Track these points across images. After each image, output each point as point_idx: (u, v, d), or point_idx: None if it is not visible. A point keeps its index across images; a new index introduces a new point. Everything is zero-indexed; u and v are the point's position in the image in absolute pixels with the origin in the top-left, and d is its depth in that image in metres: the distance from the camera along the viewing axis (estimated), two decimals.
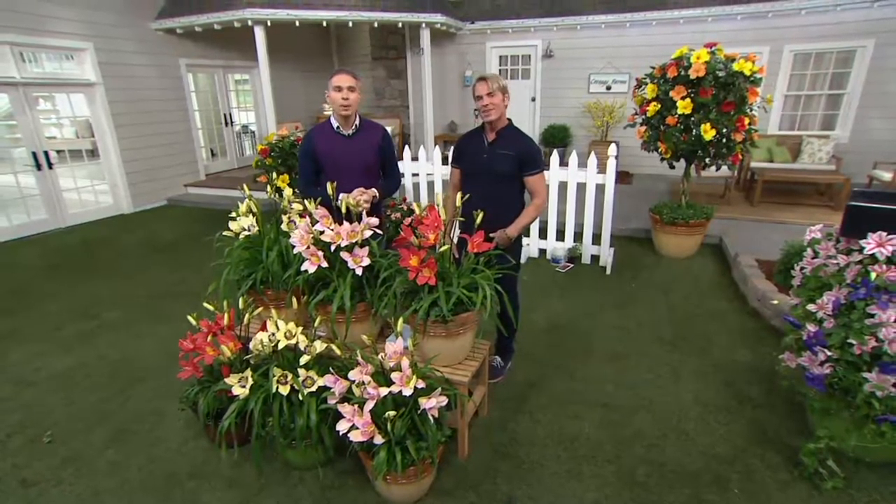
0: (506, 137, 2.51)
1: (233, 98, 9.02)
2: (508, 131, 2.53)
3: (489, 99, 2.43)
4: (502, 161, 2.49)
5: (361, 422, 1.82)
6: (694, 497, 2.10)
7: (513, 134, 2.53)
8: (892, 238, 2.01)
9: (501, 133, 2.52)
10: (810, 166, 6.75)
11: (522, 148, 2.49)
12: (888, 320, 1.95)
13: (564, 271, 4.58)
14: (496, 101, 2.43)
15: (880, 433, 2.02)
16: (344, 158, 2.58)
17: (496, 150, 2.51)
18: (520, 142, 2.51)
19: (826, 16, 6.94)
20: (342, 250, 2.21)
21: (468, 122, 9.68)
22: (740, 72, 4.05)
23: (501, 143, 2.51)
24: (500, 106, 2.44)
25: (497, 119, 2.48)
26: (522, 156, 2.48)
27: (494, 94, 2.43)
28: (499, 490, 2.15)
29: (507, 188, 2.53)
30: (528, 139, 2.55)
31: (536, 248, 4.92)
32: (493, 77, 2.45)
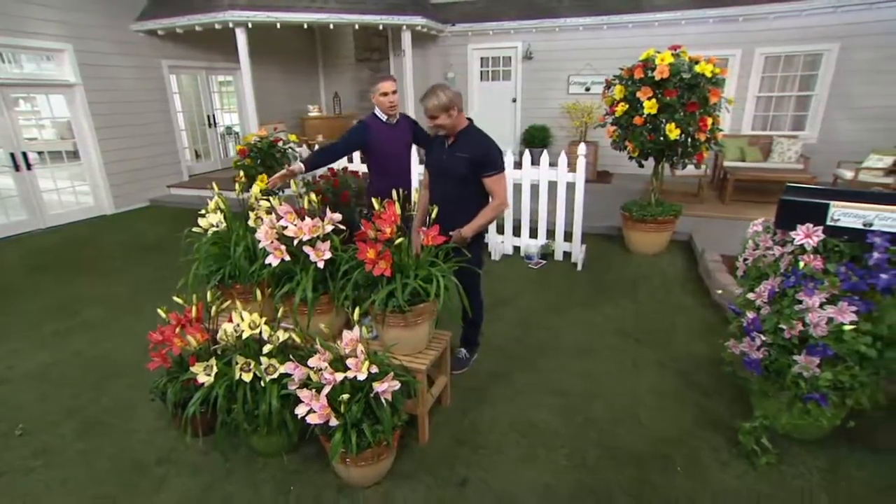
0: (463, 140, 2.60)
1: (216, 99, 9.07)
2: (467, 134, 2.61)
3: (434, 122, 2.53)
4: (458, 163, 2.57)
5: (318, 405, 1.92)
6: (639, 477, 2.22)
7: (470, 136, 2.60)
8: (818, 229, 2.15)
9: (459, 136, 2.61)
10: (780, 165, 6.95)
11: (478, 150, 2.55)
12: (813, 306, 2.09)
13: (537, 268, 4.70)
14: (442, 122, 2.51)
15: (807, 411, 2.15)
16: (391, 141, 3.18)
17: (454, 152, 2.60)
18: (476, 144, 2.57)
19: (793, 20, 7.16)
20: (305, 244, 2.31)
21: None
22: (702, 73, 4.21)
23: (458, 146, 2.60)
24: (448, 123, 2.51)
25: (452, 126, 2.56)
26: (478, 158, 2.54)
27: (439, 117, 2.50)
28: (455, 474, 2.26)
29: (465, 189, 2.61)
30: (485, 141, 2.60)
31: (510, 245, 5.05)
32: (433, 97, 2.47)
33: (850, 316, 2.04)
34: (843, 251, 2.14)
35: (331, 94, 11.22)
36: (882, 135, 6.90)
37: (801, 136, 7.47)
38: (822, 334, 2.08)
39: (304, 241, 2.30)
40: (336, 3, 7.38)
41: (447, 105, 2.47)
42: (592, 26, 8.04)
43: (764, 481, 2.16)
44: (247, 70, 7.07)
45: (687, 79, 4.30)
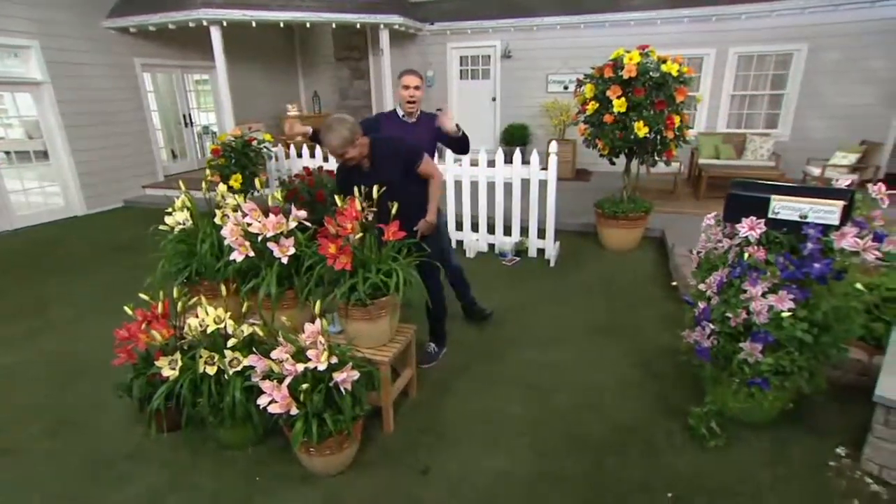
0: (378, 156, 2.63)
1: (192, 98, 9.05)
2: (376, 149, 2.62)
3: (345, 157, 2.51)
4: (392, 173, 2.61)
5: (279, 395, 2.00)
6: (596, 462, 2.34)
7: (380, 149, 2.64)
8: (760, 222, 2.29)
9: (372, 156, 2.62)
10: (753, 163, 7.18)
11: (397, 154, 2.66)
12: (756, 295, 2.23)
13: (511, 265, 4.83)
14: (353, 154, 2.50)
15: (751, 395, 2.30)
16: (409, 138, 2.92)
17: (379, 171, 2.60)
18: (391, 150, 2.66)
19: (764, 21, 7.41)
20: (269, 240, 2.39)
21: None
22: (669, 72, 4.37)
23: (379, 164, 2.62)
24: (357, 154, 2.53)
25: (361, 154, 2.56)
26: (402, 159, 2.65)
27: (348, 152, 2.48)
28: (418, 462, 2.36)
29: (411, 188, 2.69)
30: (392, 143, 2.71)
31: (485, 242, 5.17)
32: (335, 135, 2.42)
33: (788, 304, 2.18)
34: (783, 242, 2.28)
35: (310, 94, 11.26)
36: (849, 132, 7.16)
37: (773, 133, 7.72)
38: (764, 322, 2.23)
39: (268, 238, 2.38)
40: (313, 1, 7.44)
41: (351, 138, 2.45)
42: (570, 25, 8.22)
43: (712, 463, 2.29)
44: (222, 69, 7.10)
45: (655, 77, 4.46)
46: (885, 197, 2.19)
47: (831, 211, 2.13)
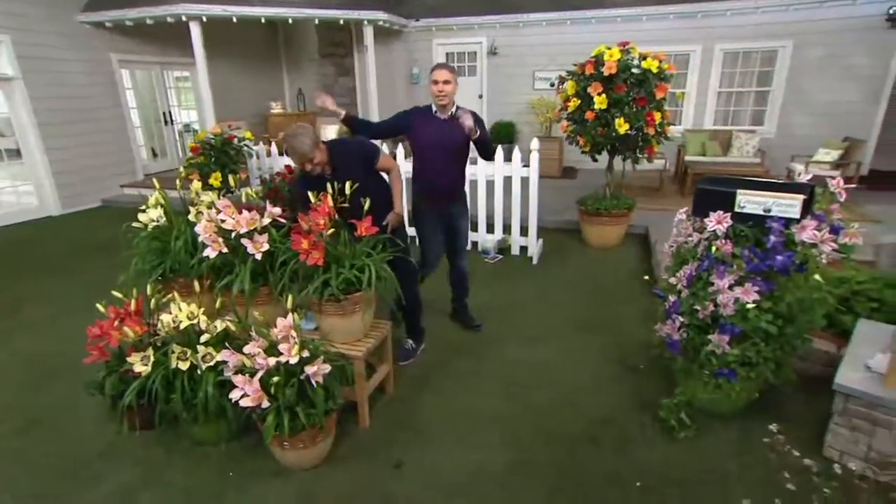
0: (339, 161, 2.71)
1: (173, 96, 9.04)
2: (336, 154, 2.71)
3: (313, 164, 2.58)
4: (354, 171, 2.69)
5: (251, 389, 2.06)
6: (568, 453, 2.43)
7: (340, 153, 2.73)
8: (727, 216, 2.39)
9: (333, 161, 2.70)
10: (738, 160, 7.33)
11: (357, 155, 2.79)
12: (723, 287, 2.33)
13: (493, 263, 4.91)
14: (320, 160, 2.61)
15: (718, 386, 2.39)
16: (435, 137, 2.97)
17: (342, 176, 2.65)
18: (350, 153, 2.78)
19: (749, 17, 7.57)
20: (242, 237, 2.44)
21: None
22: (649, 69, 4.48)
23: (341, 169, 2.69)
24: (323, 159, 2.63)
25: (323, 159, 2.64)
26: (362, 158, 2.79)
27: (315, 157, 2.57)
28: (392, 456, 2.43)
29: (375, 185, 2.81)
30: (351, 145, 2.86)
31: (468, 240, 5.23)
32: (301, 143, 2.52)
33: (753, 296, 2.28)
34: (749, 236, 2.38)
35: (295, 91, 11.28)
36: (833, 129, 7.33)
37: (759, 130, 7.89)
38: (731, 314, 2.32)
39: (242, 234, 2.43)
40: None
41: (316, 141, 2.57)
42: (556, 21, 8.33)
43: (681, 453, 2.39)
44: (202, 66, 7.11)
45: (636, 74, 4.57)
46: (842, 191, 2.30)
47: (792, 205, 2.23)
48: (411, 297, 3.10)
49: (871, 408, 2.10)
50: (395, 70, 9.84)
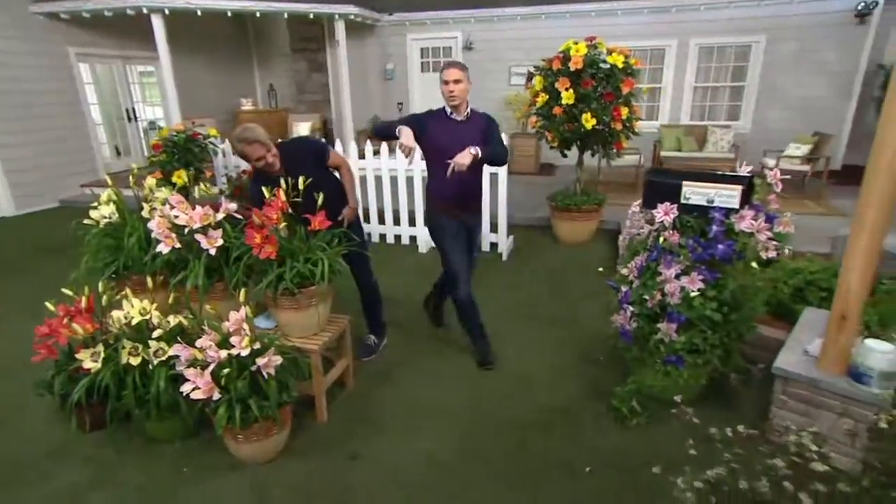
0: (289, 159, 2.80)
1: (137, 91, 8.99)
2: (286, 153, 2.81)
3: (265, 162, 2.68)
4: (306, 169, 2.75)
5: (202, 381, 2.15)
6: (520, 441, 2.55)
7: (290, 152, 2.85)
8: (674, 207, 2.55)
9: (283, 160, 2.79)
10: (713, 155, 7.58)
11: (310, 152, 2.92)
12: (670, 277, 2.48)
13: None
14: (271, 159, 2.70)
15: (667, 373, 2.54)
16: (449, 141, 2.83)
17: (294, 172, 2.72)
18: (300, 151, 2.91)
19: (722, 12, 7.83)
20: (196, 232, 2.52)
21: (391, 115, 10.07)
22: (615, 64, 4.66)
23: (290, 167, 2.77)
24: (273, 159, 2.71)
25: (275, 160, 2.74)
26: (313, 155, 2.91)
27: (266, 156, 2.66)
28: (348, 449, 2.53)
29: (328, 181, 2.92)
30: (301, 143, 3.10)
31: None
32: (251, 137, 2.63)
33: (697, 284, 2.44)
34: (694, 226, 2.54)
35: (266, 87, 11.28)
36: (806, 124, 7.63)
37: (735, 125, 8.16)
38: (677, 302, 2.48)
39: (195, 230, 2.51)
40: None
41: (264, 139, 2.67)
42: (530, 16, 8.51)
43: (632, 440, 2.53)
44: (166, 60, 7.12)
45: (605, 69, 4.75)
46: (778, 182, 2.46)
47: (732, 195, 2.39)
48: (369, 291, 3.21)
49: (807, 389, 2.27)
50: (368, 65, 9.94)
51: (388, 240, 5.69)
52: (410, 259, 5.20)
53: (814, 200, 6.55)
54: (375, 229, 5.68)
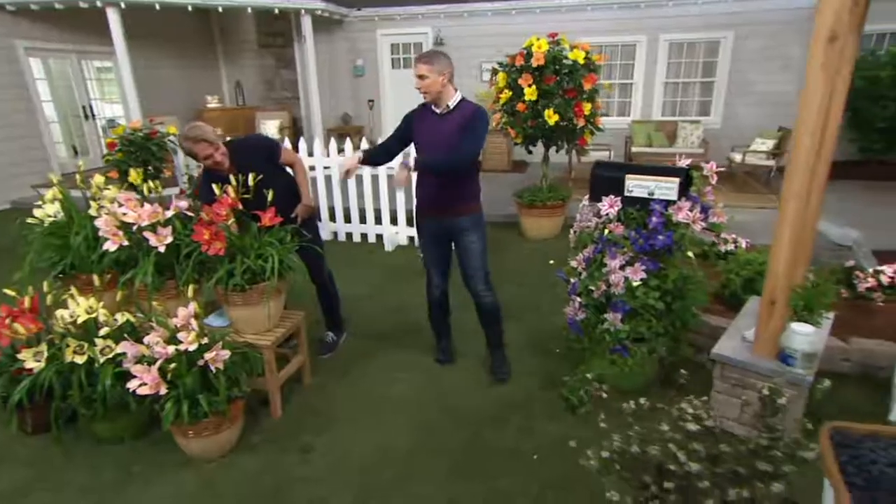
0: (238, 154, 2.89)
1: (94, 88, 8.90)
2: (236, 150, 2.89)
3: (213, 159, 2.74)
4: (257, 166, 2.85)
5: (149, 377, 2.23)
6: (475, 434, 2.68)
7: (241, 148, 2.94)
8: (617, 200, 2.70)
9: (233, 156, 2.87)
10: (683, 150, 7.82)
11: (260, 148, 3.03)
12: (614, 268, 2.64)
13: None
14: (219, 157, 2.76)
15: (613, 362, 2.70)
16: (430, 136, 2.78)
17: (245, 166, 2.85)
18: (250, 147, 3.02)
19: (691, 8, 8.11)
20: (144, 230, 2.60)
21: (362, 112, 10.16)
22: (576, 60, 4.83)
23: (239, 161, 2.87)
24: (221, 157, 2.79)
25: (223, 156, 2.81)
26: (265, 152, 3.00)
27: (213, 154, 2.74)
28: (301, 443, 2.62)
29: (280, 179, 3.01)
30: (256, 139, 3.25)
31: (405, 236, 5.48)
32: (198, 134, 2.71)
33: (640, 274, 2.60)
34: (637, 218, 2.70)
35: (233, 84, 11.26)
36: (773, 119, 7.94)
37: (705, 121, 8.45)
38: (621, 292, 2.63)
39: (144, 227, 2.59)
40: None
41: (212, 138, 2.74)
42: (501, 11, 8.69)
43: (579, 427, 2.67)
44: (124, 56, 7.09)
45: (567, 65, 4.92)
46: (714, 174, 2.64)
47: (671, 187, 2.56)
48: (323, 288, 3.31)
49: (739, 372, 2.44)
50: (338, 62, 10.01)
51: (355, 238, 5.78)
52: (376, 257, 5.31)
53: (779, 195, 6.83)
54: (341, 228, 5.77)
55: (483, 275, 3.00)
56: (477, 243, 2.95)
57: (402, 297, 4.31)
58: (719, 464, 1.34)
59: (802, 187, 2.20)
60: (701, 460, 1.29)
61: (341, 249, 5.57)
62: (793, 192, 2.22)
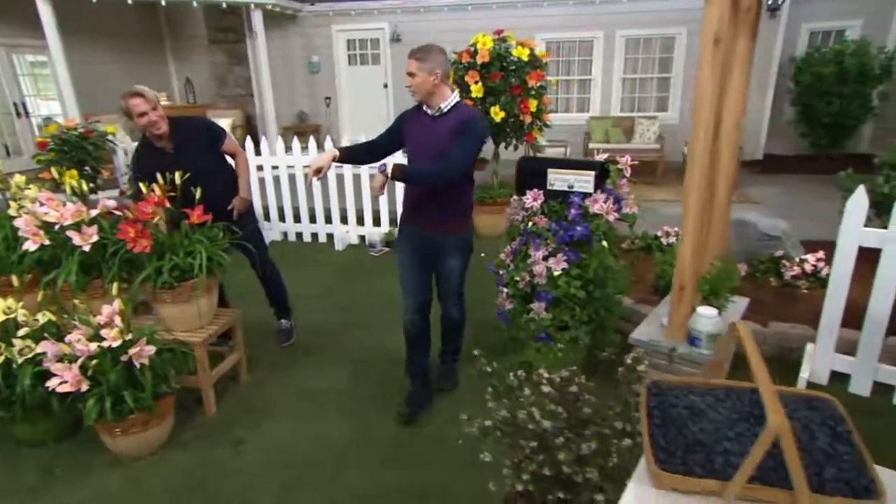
0: (182, 133, 3.02)
1: (27, 84, 8.76)
2: (178, 128, 3.01)
3: (155, 114, 2.87)
4: (197, 149, 3.03)
5: (70, 375, 2.33)
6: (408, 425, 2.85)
7: (187, 126, 3.09)
8: (541, 193, 2.92)
9: (176, 136, 2.99)
10: (640, 146, 8.19)
11: (203, 132, 3.13)
12: (537, 259, 2.85)
13: (378, 255, 5.32)
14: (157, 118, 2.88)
15: (538, 349, 2.91)
16: (421, 140, 2.62)
17: (184, 152, 3.00)
18: (198, 127, 3.15)
19: (645, 4, 8.47)
20: (67, 229, 2.69)
21: (319, 110, 10.25)
22: (520, 57, 5.07)
23: (184, 144, 3.01)
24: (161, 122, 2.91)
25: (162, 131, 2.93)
26: (207, 136, 3.12)
27: (157, 109, 2.89)
28: (234, 437, 2.75)
29: (220, 168, 3.19)
30: (201, 121, 3.26)
31: (356, 234, 5.62)
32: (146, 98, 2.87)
33: (562, 265, 2.81)
34: (558, 210, 2.92)
35: (183, 81, 11.20)
36: None
37: (662, 116, 8.82)
38: (544, 282, 2.85)
39: (67, 226, 2.68)
40: None
41: (149, 95, 2.87)
42: (457, 6, 8.91)
43: None
44: (58, 50, 7.03)
45: (514, 62, 5.15)
46: (628, 167, 2.88)
47: (588, 180, 2.79)
48: (266, 279, 3.52)
49: (654, 355, 2.67)
50: (293, 58, 10.08)
51: (305, 238, 5.90)
52: (326, 257, 5.44)
53: None
54: (291, 228, 5.88)
55: (458, 293, 2.91)
56: (459, 267, 2.81)
57: (351, 295, 4.46)
58: (588, 426, 1.54)
59: (702, 178, 2.44)
60: (561, 420, 1.49)
61: (292, 249, 5.69)
62: (693, 184, 2.46)
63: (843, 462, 1.01)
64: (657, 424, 1.12)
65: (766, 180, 7.84)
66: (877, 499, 0.95)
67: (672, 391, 1.20)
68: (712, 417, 1.12)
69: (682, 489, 1.06)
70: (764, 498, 1.01)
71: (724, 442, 1.07)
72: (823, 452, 1.03)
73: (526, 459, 1.53)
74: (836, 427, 1.08)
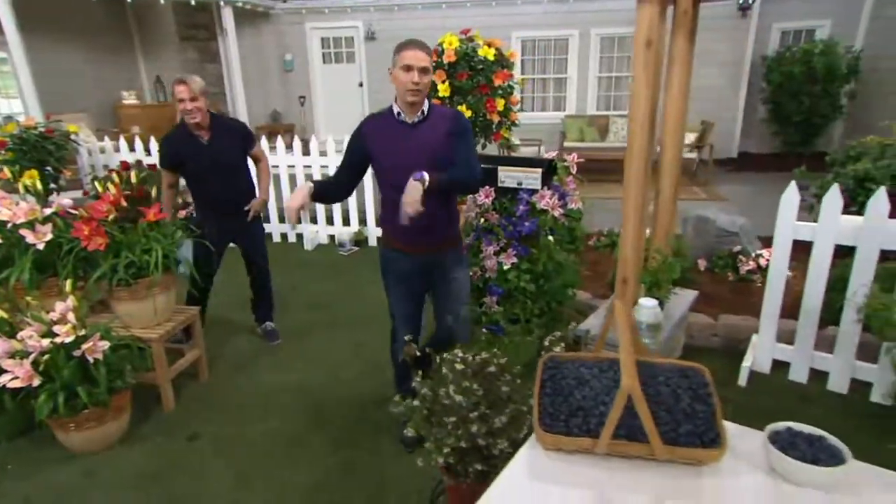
0: (223, 130, 3.31)
1: None
2: (219, 122, 3.32)
3: (193, 104, 3.08)
4: (232, 148, 3.34)
5: (22, 371, 2.43)
6: (361, 416, 2.99)
7: (225, 124, 3.40)
8: (492, 190, 3.09)
9: (214, 129, 3.26)
10: (614, 144, 8.43)
11: (240, 132, 3.44)
12: (489, 254, 3.02)
13: (348, 255, 5.46)
14: (190, 106, 3.09)
15: (489, 341, 3.07)
16: (403, 153, 2.26)
17: (218, 145, 3.27)
18: (235, 128, 3.47)
19: (619, 2, 8.71)
20: (20, 227, 2.80)
21: (293, 110, 10.36)
22: (486, 57, 5.24)
23: (221, 137, 3.29)
24: (202, 112, 3.16)
25: (201, 119, 3.17)
26: (242, 138, 3.42)
27: (198, 99, 3.10)
28: (190, 431, 2.88)
29: (245, 170, 3.47)
30: (238, 123, 3.63)
31: (325, 234, 5.76)
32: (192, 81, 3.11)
33: (512, 259, 2.98)
34: (508, 207, 3.09)
35: (153, 79, 11.23)
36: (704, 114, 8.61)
37: None
38: (494, 276, 3.01)
39: (20, 225, 2.79)
40: None
41: (196, 86, 3.08)
42: (431, 5, 9.09)
43: None
44: (17, 46, 7.03)
45: (480, 61, 5.32)
46: (575, 164, 3.06)
47: (535, 178, 2.96)
48: (260, 285, 3.79)
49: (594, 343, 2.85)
50: (267, 56, 10.18)
51: (275, 238, 6.01)
52: (295, 257, 5.56)
53: (702, 187, 7.48)
54: None
55: (463, 315, 2.63)
56: (465, 276, 2.62)
57: (319, 295, 4.60)
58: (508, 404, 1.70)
59: (640, 173, 2.62)
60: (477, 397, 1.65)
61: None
62: (632, 179, 2.64)
63: (698, 419, 1.18)
64: (547, 393, 1.29)
65: (739, 178, 8.12)
66: (719, 447, 1.12)
67: (566, 364, 1.37)
68: (594, 385, 1.29)
69: (563, 448, 1.23)
70: (628, 451, 1.18)
71: (601, 406, 1.23)
72: (684, 412, 1.20)
73: (448, 435, 1.68)
74: (699, 391, 1.25)
